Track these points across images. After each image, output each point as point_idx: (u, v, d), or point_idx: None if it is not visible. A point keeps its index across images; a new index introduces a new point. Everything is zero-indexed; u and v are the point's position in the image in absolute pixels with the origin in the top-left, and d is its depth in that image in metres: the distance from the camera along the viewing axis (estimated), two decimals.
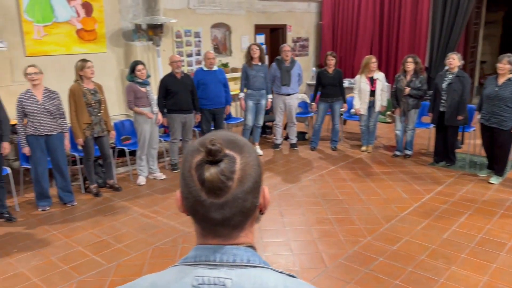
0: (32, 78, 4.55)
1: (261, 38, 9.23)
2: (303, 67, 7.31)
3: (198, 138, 6.54)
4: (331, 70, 6.72)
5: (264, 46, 9.23)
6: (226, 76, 6.62)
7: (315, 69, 9.79)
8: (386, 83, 6.79)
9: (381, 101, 6.61)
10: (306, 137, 7.71)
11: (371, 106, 6.63)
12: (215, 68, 6.32)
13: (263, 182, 0.90)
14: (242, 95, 6.65)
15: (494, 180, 5.44)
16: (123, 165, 6.08)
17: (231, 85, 6.69)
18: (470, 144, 6.42)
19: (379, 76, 6.59)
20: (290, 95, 6.86)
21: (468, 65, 9.45)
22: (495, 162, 5.47)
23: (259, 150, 6.88)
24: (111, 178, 5.46)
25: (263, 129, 7.62)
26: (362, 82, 6.61)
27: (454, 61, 5.70)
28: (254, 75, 6.52)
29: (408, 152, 6.54)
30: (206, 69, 6.24)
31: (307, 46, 10.45)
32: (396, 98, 6.33)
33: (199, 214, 0.85)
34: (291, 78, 6.77)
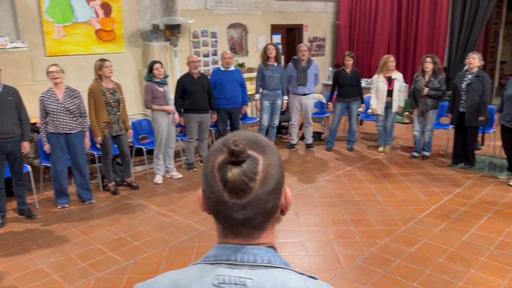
0: (53, 76, 4.64)
1: (277, 38, 9.22)
2: (320, 67, 7.27)
3: (214, 137, 6.58)
4: (349, 70, 6.68)
5: (280, 46, 9.23)
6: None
7: (332, 69, 9.74)
8: (404, 83, 6.71)
9: (398, 101, 6.53)
10: (322, 137, 7.68)
11: (388, 106, 6.56)
12: (232, 68, 6.34)
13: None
14: (258, 96, 6.65)
15: None
16: (141, 164, 6.15)
17: (247, 85, 6.69)
18: (490, 145, 6.31)
19: (397, 76, 6.52)
20: (306, 95, 6.84)
21: (488, 65, 9.29)
22: None
23: None
24: (129, 177, 5.53)
25: (279, 129, 7.62)
26: (379, 82, 6.55)
27: (475, 61, 5.61)
28: (270, 76, 6.51)
29: (426, 153, 6.46)
30: (223, 69, 6.27)
31: (324, 46, 10.40)
32: (414, 98, 6.26)
33: (221, 214, 0.85)
34: (308, 78, 6.75)
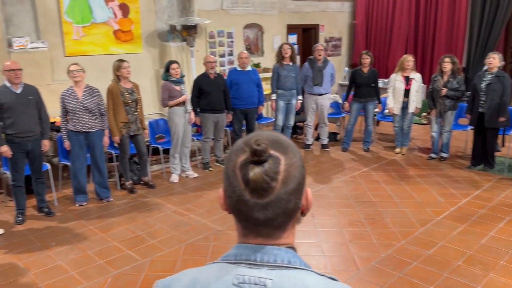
0: (73, 75, 4.71)
1: (293, 38, 9.20)
2: (336, 67, 7.23)
3: (229, 137, 6.57)
4: (366, 69, 6.62)
5: (296, 46, 9.20)
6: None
7: (348, 69, 9.68)
8: (422, 84, 6.63)
9: (415, 102, 6.44)
10: (338, 138, 7.63)
11: (405, 107, 6.48)
12: (249, 68, 6.35)
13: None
14: (274, 97, 6.64)
15: None
16: (157, 163, 6.20)
17: (263, 85, 6.69)
18: (510, 147, 6.18)
19: (416, 76, 6.43)
20: (322, 95, 6.80)
21: (508, 65, 9.10)
22: None
23: None
24: (146, 175, 5.58)
25: (294, 129, 7.59)
26: (397, 81, 6.47)
27: (495, 61, 5.51)
28: (286, 75, 6.50)
29: (444, 154, 6.37)
30: (239, 69, 6.28)
31: (340, 46, 10.33)
32: (432, 99, 6.18)
33: (242, 213, 0.85)
34: (324, 78, 6.71)
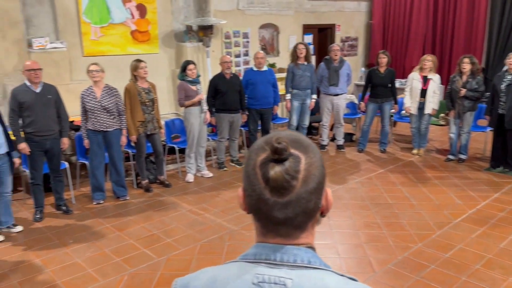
0: (93, 75, 4.78)
1: (308, 38, 9.16)
2: (352, 67, 7.16)
3: (244, 137, 6.57)
4: (383, 69, 6.55)
5: (311, 46, 9.16)
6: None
7: (364, 69, 9.60)
8: (440, 85, 6.53)
9: (432, 103, 6.34)
10: (354, 138, 7.57)
11: (422, 107, 6.39)
12: (265, 68, 6.35)
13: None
14: (289, 97, 6.63)
15: None
16: (173, 162, 6.24)
17: (279, 85, 6.68)
18: None
19: (434, 77, 6.33)
20: (338, 95, 6.76)
21: None
22: None
23: None
24: (162, 175, 5.62)
25: (309, 129, 7.55)
26: (414, 80, 6.39)
27: None
28: (301, 75, 6.48)
29: (462, 156, 6.27)
30: (255, 69, 6.28)
31: (356, 46, 10.26)
32: (451, 99, 6.09)
33: (262, 212, 0.84)
34: (340, 78, 6.67)
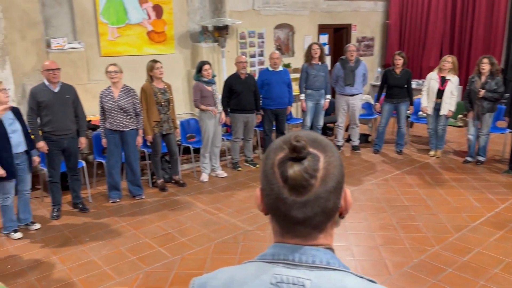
0: (111, 76, 4.84)
1: (324, 38, 9.12)
2: (368, 67, 7.10)
3: (259, 138, 6.56)
4: (399, 71, 6.48)
5: (327, 46, 9.11)
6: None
7: (380, 69, 9.51)
8: (459, 86, 6.42)
9: (449, 104, 6.23)
10: (369, 139, 7.50)
11: (439, 108, 6.30)
12: (280, 68, 6.33)
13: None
14: (304, 97, 6.60)
15: None
16: (188, 162, 6.27)
17: (293, 85, 6.66)
18: None
19: (452, 78, 6.23)
20: (353, 96, 6.71)
21: None
22: None
23: None
24: (177, 174, 5.65)
25: (324, 130, 7.52)
26: (432, 80, 6.30)
27: None
28: (315, 75, 6.44)
29: (480, 158, 6.16)
30: (271, 69, 6.27)
31: (372, 46, 10.17)
32: (469, 100, 5.99)
33: (280, 212, 0.84)
34: (356, 78, 6.62)
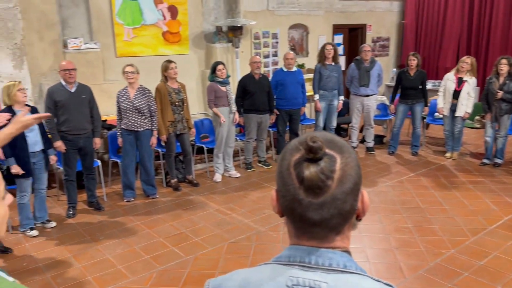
0: (128, 76, 4.88)
1: (339, 39, 9.06)
2: (383, 68, 7.03)
3: (272, 138, 6.54)
4: (413, 72, 6.40)
5: (341, 47, 9.05)
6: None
7: (396, 70, 9.41)
8: (476, 87, 6.30)
9: (465, 106, 6.12)
10: (384, 140, 7.43)
11: (455, 109, 6.20)
12: (295, 68, 6.31)
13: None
14: (317, 97, 6.56)
15: None
16: (201, 162, 6.29)
17: (306, 86, 6.62)
18: None
19: (470, 80, 6.12)
20: (368, 96, 6.65)
21: None
22: None
23: None
24: (190, 174, 5.67)
25: (338, 131, 7.47)
26: (449, 80, 6.21)
27: None
28: (328, 75, 6.40)
29: (498, 160, 6.04)
30: (285, 69, 6.26)
31: (388, 46, 10.07)
32: (487, 102, 5.88)
33: (296, 213, 0.83)
34: (370, 78, 6.56)
